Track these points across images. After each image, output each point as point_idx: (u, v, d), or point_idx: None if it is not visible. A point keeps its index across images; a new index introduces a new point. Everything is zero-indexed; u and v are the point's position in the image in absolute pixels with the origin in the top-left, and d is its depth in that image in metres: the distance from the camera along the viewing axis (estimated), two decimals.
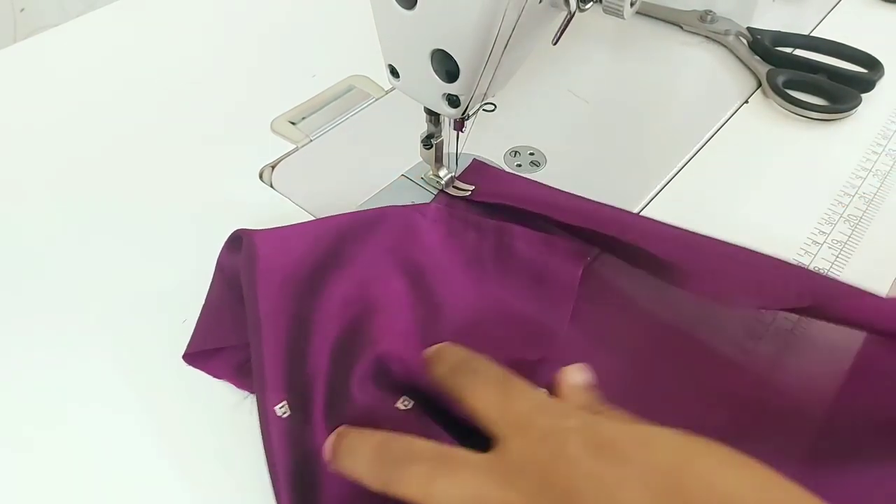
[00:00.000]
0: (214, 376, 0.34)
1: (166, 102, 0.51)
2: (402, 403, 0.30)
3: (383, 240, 0.37)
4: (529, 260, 0.38)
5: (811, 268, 0.40)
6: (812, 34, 0.58)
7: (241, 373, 0.34)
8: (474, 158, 0.45)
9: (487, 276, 0.38)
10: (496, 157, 0.46)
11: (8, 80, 0.53)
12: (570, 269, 0.38)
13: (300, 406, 0.31)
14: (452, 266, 0.38)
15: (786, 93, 0.51)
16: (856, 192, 0.45)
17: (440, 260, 0.38)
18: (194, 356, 0.35)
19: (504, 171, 0.45)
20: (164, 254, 0.41)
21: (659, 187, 0.45)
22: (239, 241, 0.36)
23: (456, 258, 0.38)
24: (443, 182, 0.42)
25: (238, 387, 0.34)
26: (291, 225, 0.37)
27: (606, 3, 0.33)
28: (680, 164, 0.47)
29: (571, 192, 0.42)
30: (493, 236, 0.39)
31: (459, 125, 0.38)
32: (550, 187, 0.43)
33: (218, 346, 0.34)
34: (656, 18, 0.59)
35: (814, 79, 0.52)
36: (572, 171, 0.45)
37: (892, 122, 0.50)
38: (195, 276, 0.37)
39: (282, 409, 0.31)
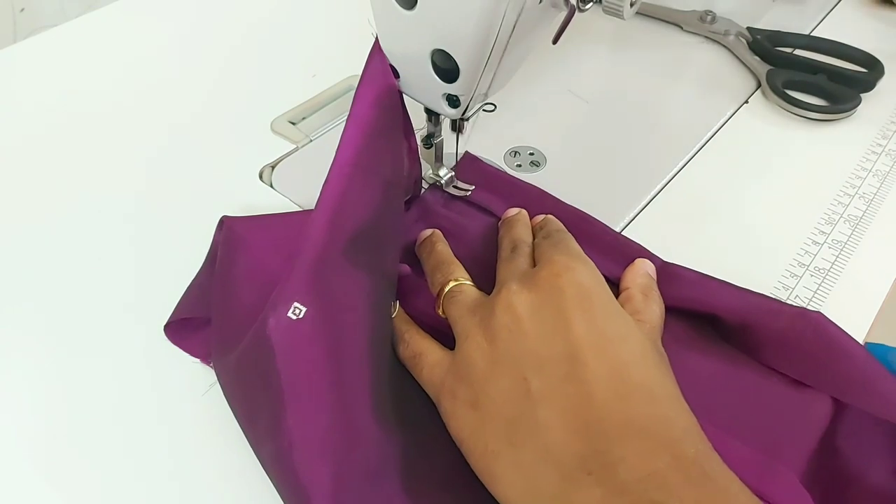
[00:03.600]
0: (190, 353, 0.35)
1: (166, 102, 0.51)
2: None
3: None
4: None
5: (811, 268, 0.40)
6: (812, 34, 0.58)
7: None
8: (466, 151, 0.46)
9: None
10: (496, 157, 0.46)
11: (8, 80, 0.53)
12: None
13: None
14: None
15: (785, 93, 0.51)
16: (856, 192, 0.45)
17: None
18: (174, 332, 0.35)
19: (497, 168, 0.45)
20: (163, 253, 0.41)
21: (659, 187, 0.45)
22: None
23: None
24: (443, 182, 0.42)
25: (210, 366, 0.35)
26: (276, 215, 0.39)
27: (606, 3, 0.33)
28: (680, 165, 0.47)
29: (570, 191, 0.42)
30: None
31: (459, 127, 0.38)
32: (542, 191, 0.43)
33: (196, 315, 0.35)
34: (656, 18, 0.59)
35: (813, 79, 0.52)
36: (572, 171, 0.45)
37: (892, 122, 0.50)
38: (194, 275, 0.38)
39: (295, 312, 0.30)
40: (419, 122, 0.40)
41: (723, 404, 0.32)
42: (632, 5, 0.33)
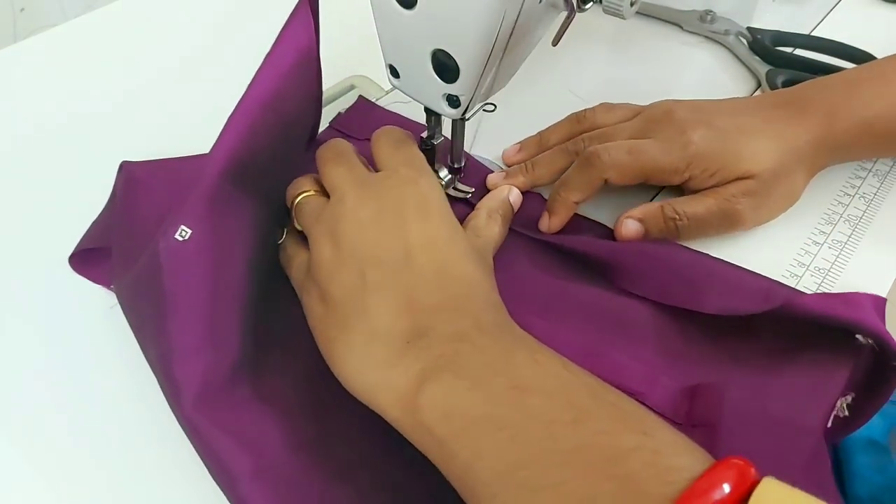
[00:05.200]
0: (94, 281, 0.39)
1: (166, 102, 0.51)
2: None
3: None
4: None
5: (811, 268, 0.40)
6: (812, 34, 0.58)
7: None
8: (360, 96, 0.49)
9: None
10: (496, 156, 0.46)
11: (8, 80, 0.53)
12: None
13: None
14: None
15: None
16: (856, 192, 0.45)
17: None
18: (79, 262, 0.38)
19: (385, 109, 0.48)
20: None
21: (659, 187, 0.45)
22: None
23: None
24: (443, 182, 0.42)
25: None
26: (176, 158, 0.43)
27: (606, 3, 0.33)
28: None
29: None
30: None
31: (458, 135, 0.38)
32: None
33: (99, 246, 0.38)
34: (656, 18, 0.59)
35: (813, 79, 0.52)
36: None
37: None
38: None
39: (181, 234, 0.34)
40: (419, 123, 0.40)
41: (559, 307, 0.38)
42: (632, 5, 0.33)
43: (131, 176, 0.40)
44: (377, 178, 0.35)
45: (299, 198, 0.37)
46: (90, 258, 0.39)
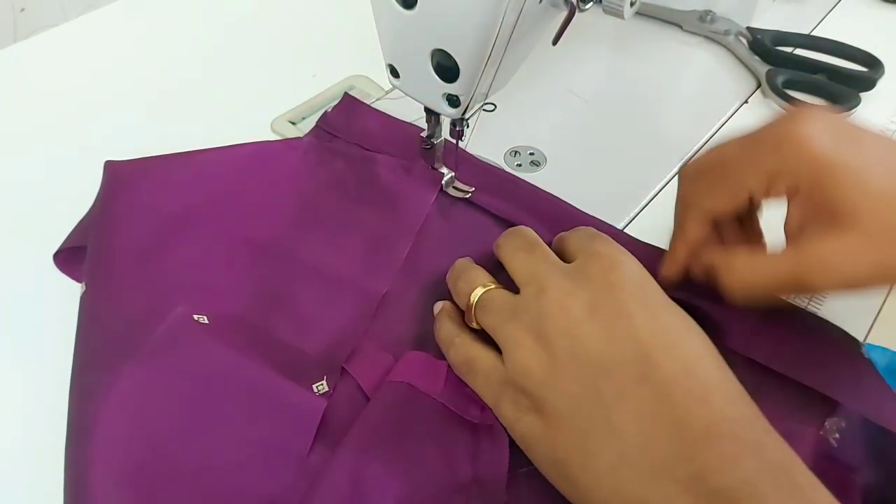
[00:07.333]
0: (77, 280, 0.38)
1: (166, 102, 0.51)
2: (317, 387, 0.33)
3: (255, 176, 0.42)
4: (388, 184, 0.42)
5: None
6: (812, 33, 0.58)
7: None
8: (345, 93, 0.48)
9: (347, 197, 0.42)
10: (496, 156, 0.46)
11: (8, 80, 0.53)
12: (423, 194, 0.42)
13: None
14: (318, 190, 0.42)
15: (785, 93, 0.51)
16: None
17: (305, 187, 0.42)
18: (63, 261, 0.39)
19: (371, 108, 0.48)
20: None
21: (658, 187, 0.45)
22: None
23: (322, 182, 0.42)
24: (443, 182, 0.42)
25: None
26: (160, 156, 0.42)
27: (606, 3, 0.33)
28: (680, 164, 0.47)
29: (570, 191, 0.43)
30: (357, 163, 0.43)
31: (458, 134, 0.38)
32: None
33: (81, 245, 0.38)
34: (656, 18, 0.59)
35: (813, 79, 0.52)
36: (572, 171, 0.45)
37: (893, 122, 0.50)
38: None
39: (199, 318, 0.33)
40: (419, 123, 0.40)
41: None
42: (632, 5, 0.33)
43: (114, 175, 0.40)
44: (577, 265, 0.31)
45: (479, 293, 0.33)
46: (75, 257, 0.38)
